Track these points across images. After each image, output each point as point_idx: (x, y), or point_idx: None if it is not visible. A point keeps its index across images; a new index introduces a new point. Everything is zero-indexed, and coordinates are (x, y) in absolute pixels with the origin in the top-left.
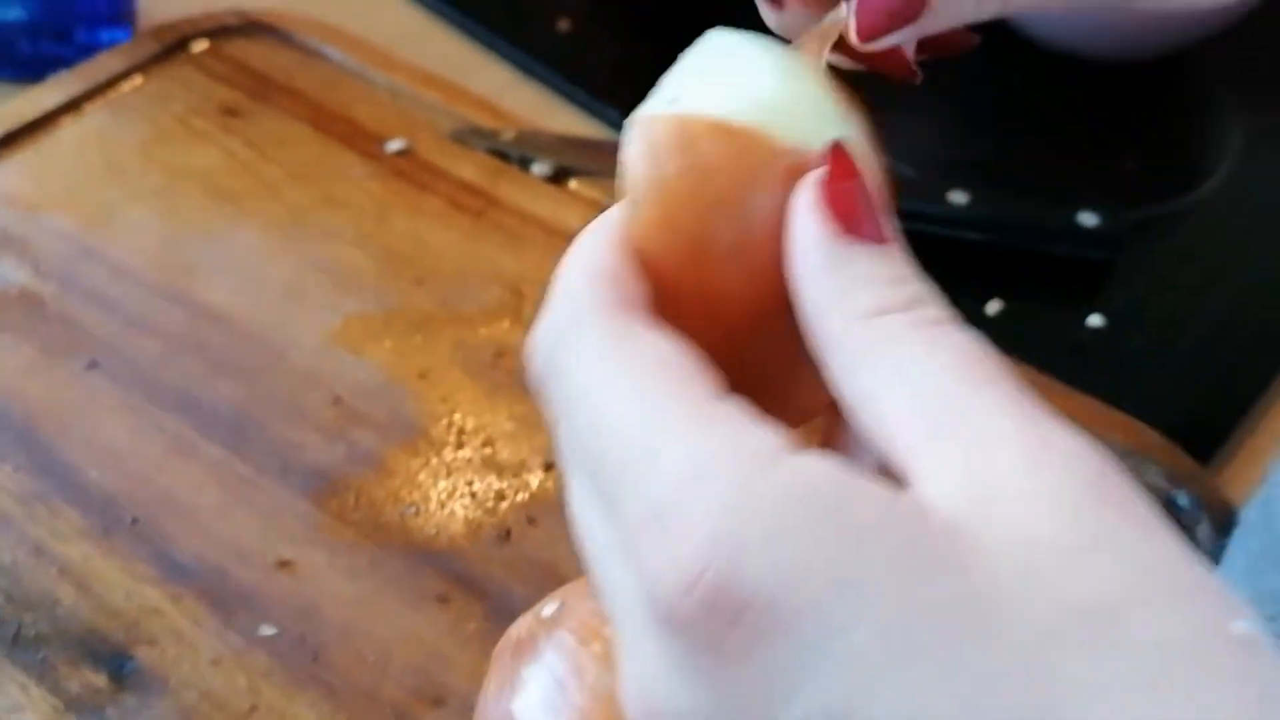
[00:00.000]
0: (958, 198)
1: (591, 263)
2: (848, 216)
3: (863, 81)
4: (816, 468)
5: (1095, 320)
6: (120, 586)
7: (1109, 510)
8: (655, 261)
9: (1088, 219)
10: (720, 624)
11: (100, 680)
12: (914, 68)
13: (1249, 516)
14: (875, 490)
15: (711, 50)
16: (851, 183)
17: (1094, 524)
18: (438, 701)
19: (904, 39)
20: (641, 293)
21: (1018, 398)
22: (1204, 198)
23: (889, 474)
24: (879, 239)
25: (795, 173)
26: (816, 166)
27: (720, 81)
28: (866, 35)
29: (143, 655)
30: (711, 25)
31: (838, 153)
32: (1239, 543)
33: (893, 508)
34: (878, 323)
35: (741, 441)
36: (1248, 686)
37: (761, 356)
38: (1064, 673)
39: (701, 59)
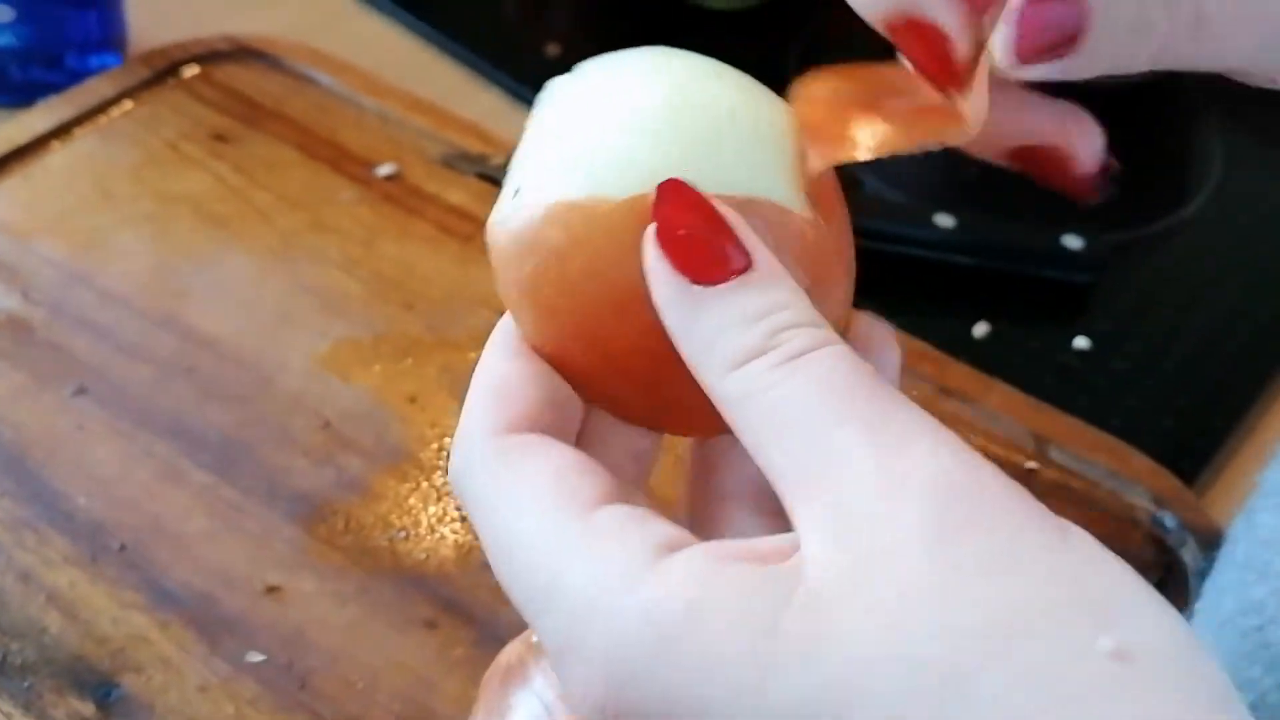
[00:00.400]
0: (944, 221)
1: (482, 379)
2: (688, 263)
3: None
4: (681, 573)
5: (1080, 342)
6: (107, 613)
7: (964, 541)
8: (559, 352)
9: (1072, 242)
10: None
11: (86, 708)
12: (1094, 186)
13: (1235, 529)
14: (736, 582)
15: (557, 106)
16: (684, 225)
17: (943, 564)
18: None
19: (1053, 74)
20: (530, 401)
21: (875, 423)
22: (1187, 220)
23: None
24: (728, 274)
25: (643, 220)
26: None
27: (558, 150)
28: (1028, 55)
29: (129, 683)
30: (698, 49)
31: (664, 195)
32: (1226, 555)
33: (751, 602)
34: (740, 375)
35: (615, 560)
36: (1112, 711)
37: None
38: None
39: (545, 122)
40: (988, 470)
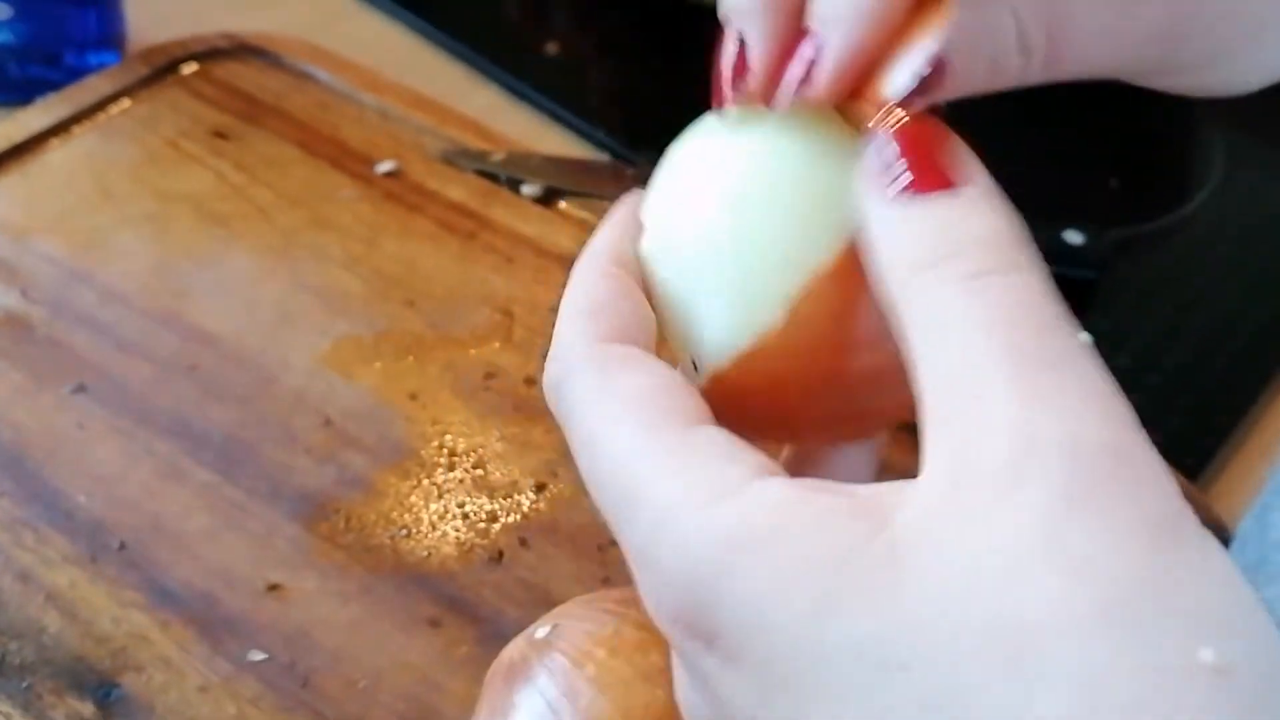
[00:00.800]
0: None
1: (576, 294)
2: (914, 161)
3: None
4: (766, 498)
5: (1082, 338)
6: (107, 613)
7: (1079, 518)
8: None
9: (1073, 238)
10: (701, 648)
11: (86, 709)
12: None
13: (1244, 528)
14: (814, 513)
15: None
16: (899, 140)
17: (1051, 535)
18: None
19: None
20: (626, 316)
21: (1033, 366)
22: (1188, 215)
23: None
24: (945, 183)
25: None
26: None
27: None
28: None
29: (129, 683)
30: (697, 47)
31: (884, 119)
32: (1235, 555)
33: (827, 536)
34: (923, 278)
35: (704, 475)
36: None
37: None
38: (980, 703)
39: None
40: (1132, 450)
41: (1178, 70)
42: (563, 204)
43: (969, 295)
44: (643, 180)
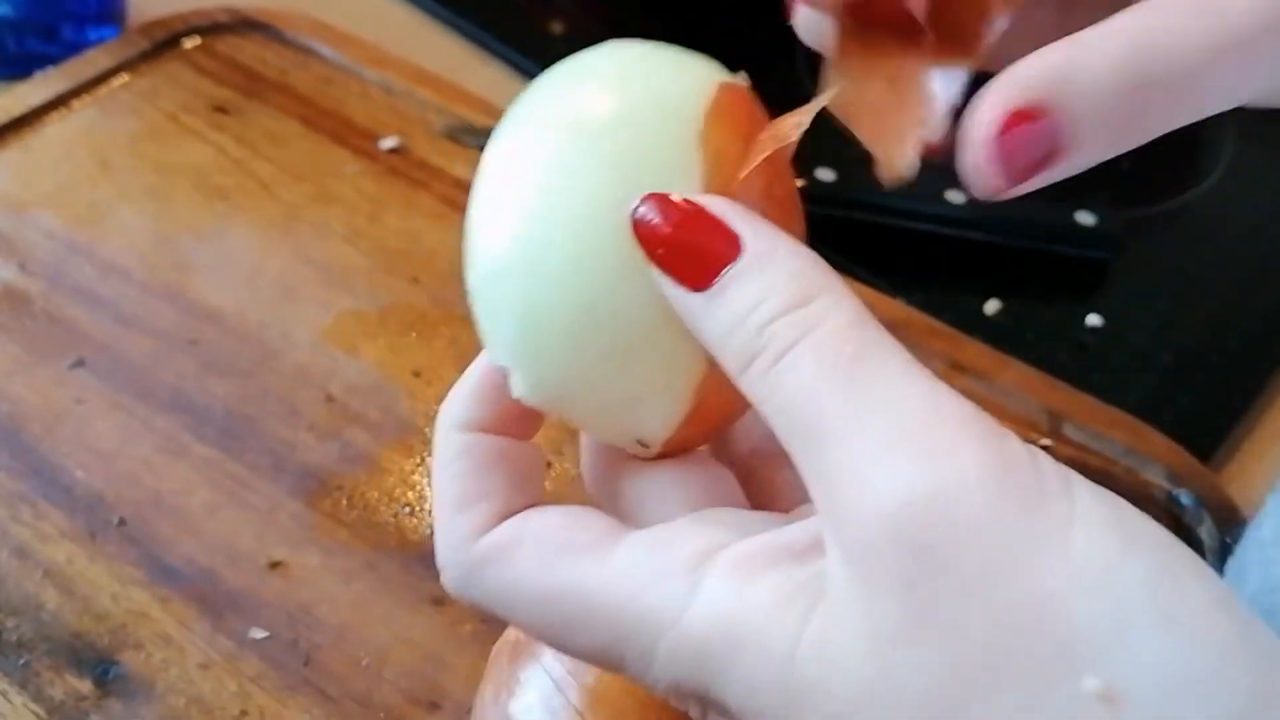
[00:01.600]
0: (956, 197)
1: (442, 492)
2: (682, 271)
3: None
4: (715, 596)
5: (1094, 319)
6: (106, 589)
7: (930, 584)
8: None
9: (1086, 218)
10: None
11: (84, 686)
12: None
13: (1272, 502)
14: (765, 602)
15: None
16: (665, 237)
17: (912, 619)
18: (434, 706)
19: (1045, 183)
20: (496, 496)
21: (856, 420)
22: (1201, 196)
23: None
24: (717, 269)
25: None
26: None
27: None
28: (1012, 182)
29: (129, 660)
30: (702, 25)
31: (642, 211)
32: (1251, 532)
33: (774, 628)
34: (746, 379)
35: (655, 598)
36: None
37: None
38: None
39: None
40: (979, 466)
41: None
42: None
43: (783, 382)
44: None
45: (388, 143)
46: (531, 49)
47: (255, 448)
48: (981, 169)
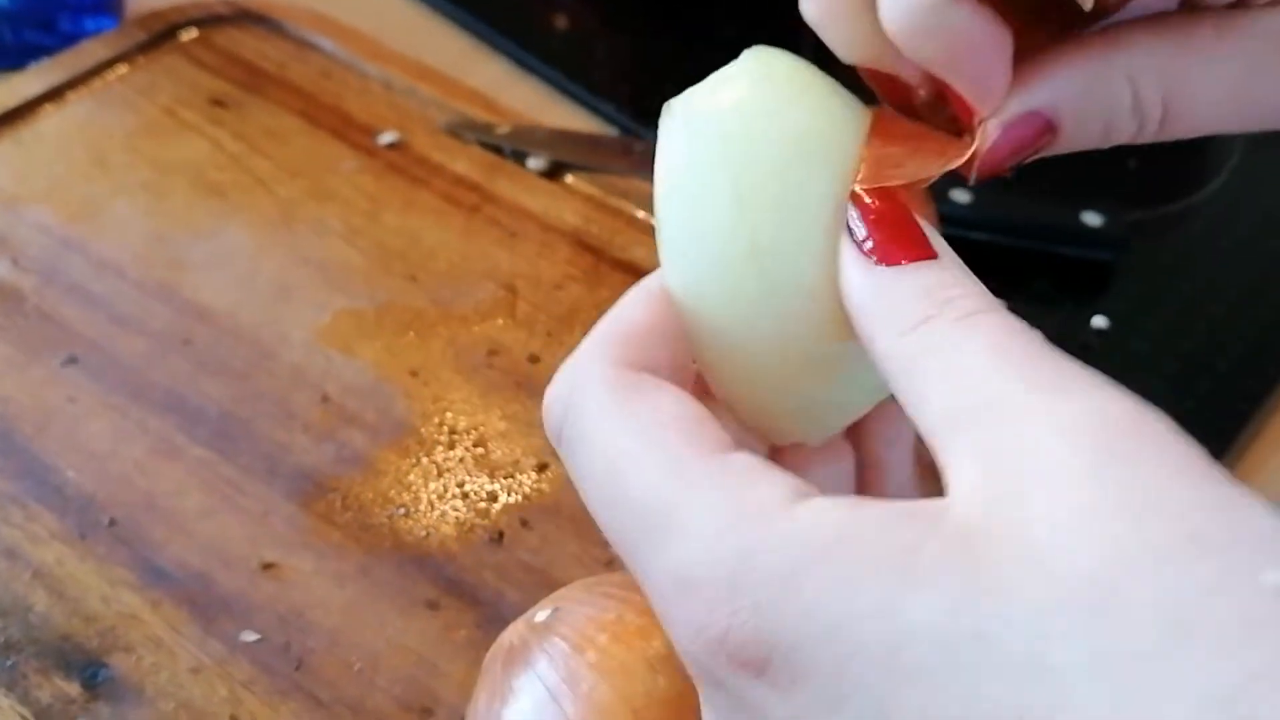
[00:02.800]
0: (961, 196)
1: (611, 320)
2: (882, 242)
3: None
4: (816, 513)
5: (1099, 321)
6: (96, 591)
7: (1116, 469)
8: None
9: (1092, 219)
10: (749, 677)
11: (72, 689)
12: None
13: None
14: (873, 520)
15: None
16: (880, 213)
17: (1096, 489)
18: (426, 712)
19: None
20: (659, 353)
21: (1037, 372)
22: (1208, 198)
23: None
24: (914, 257)
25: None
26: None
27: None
28: (1005, 166)
29: (118, 663)
30: (710, 20)
31: (856, 198)
32: None
33: (890, 536)
34: (915, 334)
35: (746, 497)
36: (1269, 640)
37: None
38: (1058, 661)
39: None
40: (1152, 415)
41: None
42: (569, 178)
43: (964, 329)
44: (651, 157)
45: (387, 138)
46: (533, 44)
47: (249, 449)
48: (982, 151)
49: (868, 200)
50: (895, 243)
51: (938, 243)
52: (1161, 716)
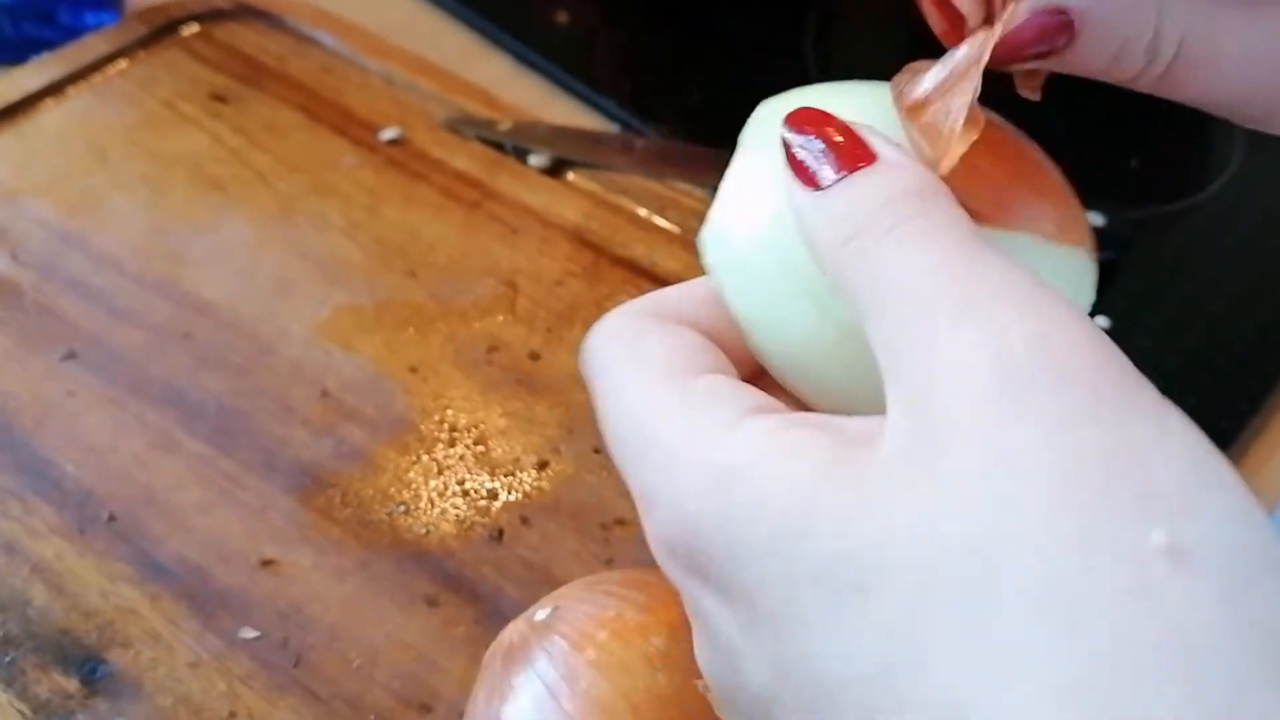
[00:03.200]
0: None
1: (667, 289)
2: (803, 170)
3: None
4: (748, 432)
5: (1100, 321)
6: (95, 586)
7: (1014, 419)
8: None
9: (1093, 219)
10: (699, 585)
11: (71, 684)
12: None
13: None
14: (798, 444)
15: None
16: (803, 137)
17: (994, 443)
18: (425, 708)
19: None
20: (694, 310)
21: (965, 289)
22: (1209, 197)
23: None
24: (845, 169)
25: None
26: None
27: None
28: (1008, 58)
29: (116, 658)
30: (711, 17)
31: (789, 119)
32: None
33: (796, 464)
34: (846, 251)
35: (698, 419)
36: (1146, 619)
37: None
38: (941, 624)
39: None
40: (1062, 325)
41: None
42: (570, 175)
43: (891, 251)
44: (652, 154)
45: (388, 134)
46: (535, 40)
47: (248, 444)
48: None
49: (792, 128)
50: (824, 160)
51: (881, 146)
52: (1013, 695)
